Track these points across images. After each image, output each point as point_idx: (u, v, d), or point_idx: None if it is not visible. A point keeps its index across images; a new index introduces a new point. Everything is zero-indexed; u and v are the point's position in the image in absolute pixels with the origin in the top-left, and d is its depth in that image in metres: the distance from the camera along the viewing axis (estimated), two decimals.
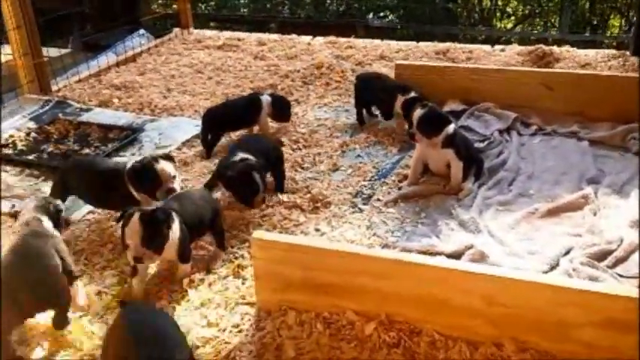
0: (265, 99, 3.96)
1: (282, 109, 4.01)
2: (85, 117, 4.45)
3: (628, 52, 5.25)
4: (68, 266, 2.41)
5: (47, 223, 2.50)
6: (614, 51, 5.40)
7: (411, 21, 9.38)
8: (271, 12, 10.10)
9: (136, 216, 2.34)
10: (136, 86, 5.01)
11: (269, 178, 3.30)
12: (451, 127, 3.23)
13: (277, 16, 9.89)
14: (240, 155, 3.08)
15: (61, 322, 2.35)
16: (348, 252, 2.32)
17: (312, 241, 2.58)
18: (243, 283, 2.63)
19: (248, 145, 3.27)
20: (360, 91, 4.18)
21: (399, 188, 3.36)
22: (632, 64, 5.02)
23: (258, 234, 2.39)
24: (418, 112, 3.23)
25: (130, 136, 4.07)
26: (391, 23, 9.68)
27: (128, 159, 3.27)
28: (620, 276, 2.56)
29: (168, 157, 2.97)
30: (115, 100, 4.74)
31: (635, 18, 7.51)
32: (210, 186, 3.23)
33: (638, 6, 6.64)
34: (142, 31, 6.22)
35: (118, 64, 5.56)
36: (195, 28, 6.76)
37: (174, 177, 2.87)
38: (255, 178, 2.98)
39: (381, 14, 10.25)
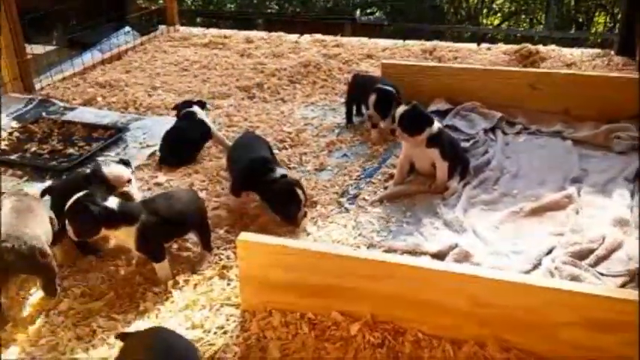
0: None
1: None
2: (69, 116, 4.41)
3: (612, 51, 5.29)
4: (54, 228, 2.62)
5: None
6: (598, 50, 5.45)
7: (399, 18, 9.41)
8: (258, 8, 10.08)
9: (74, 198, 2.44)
10: (121, 84, 4.96)
11: None
12: (435, 127, 3.24)
13: (264, 12, 9.88)
14: (280, 171, 3.04)
15: (51, 290, 2.50)
16: (333, 254, 2.33)
17: (298, 243, 2.57)
18: (228, 284, 2.62)
19: (258, 144, 3.31)
20: (353, 88, 4.17)
21: (385, 188, 3.37)
22: (617, 63, 5.06)
23: (243, 235, 2.39)
24: (400, 109, 3.24)
25: (114, 135, 4.04)
26: (378, 20, 9.71)
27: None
28: (602, 274, 2.59)
29: (123, 162, 3.00)
30: (100, 99, 4.69)
31: (619, 15, 7.58)
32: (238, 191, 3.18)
33: (622, 3, 6.69)
34: (127, 28, 6.16)
35: (103, 62, 5.52)
36: (181, 24, 6.72)
37: (128, 181, 2.90)
38: (299, 195, 2.96)
39: (368, 11, 10.28)
